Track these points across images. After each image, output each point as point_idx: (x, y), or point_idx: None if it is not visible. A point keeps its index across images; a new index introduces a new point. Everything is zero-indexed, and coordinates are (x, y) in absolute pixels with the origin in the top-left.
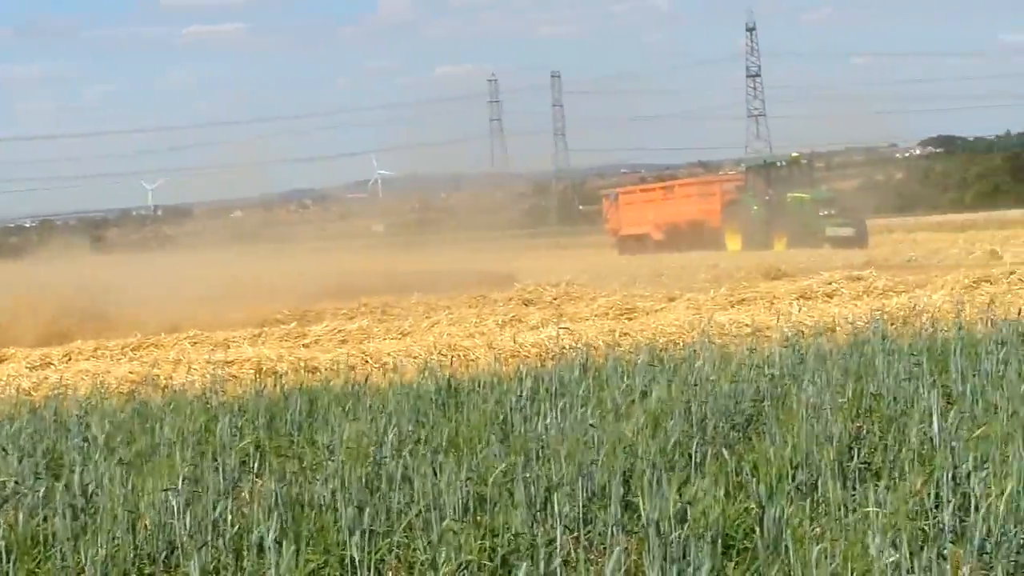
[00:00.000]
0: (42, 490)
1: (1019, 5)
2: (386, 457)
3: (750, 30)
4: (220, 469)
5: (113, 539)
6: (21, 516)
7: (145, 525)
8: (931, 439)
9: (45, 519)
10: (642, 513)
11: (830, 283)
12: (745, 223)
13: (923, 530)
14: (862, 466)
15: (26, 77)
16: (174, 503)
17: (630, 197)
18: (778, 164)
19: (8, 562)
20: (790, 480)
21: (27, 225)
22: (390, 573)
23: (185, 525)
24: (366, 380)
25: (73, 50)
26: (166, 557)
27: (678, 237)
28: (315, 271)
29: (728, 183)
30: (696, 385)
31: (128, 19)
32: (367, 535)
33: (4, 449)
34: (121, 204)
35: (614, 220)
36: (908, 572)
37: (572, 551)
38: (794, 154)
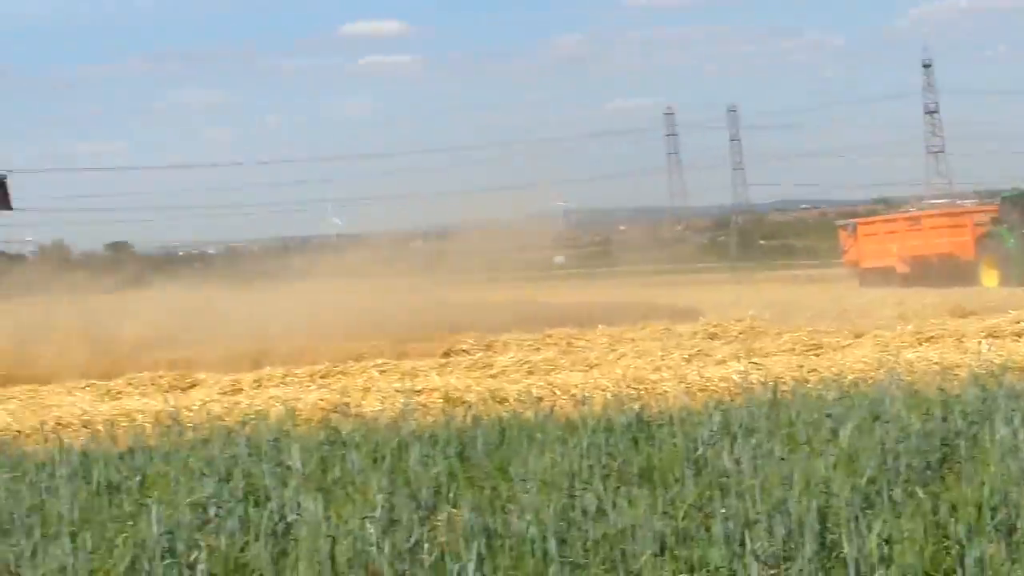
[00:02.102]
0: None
1: None
2: (581, 489)
3: (926, 66)
4: (415, 497)
5: (315, 565)
6: (223, 540)
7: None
8: None
9: (246, 544)
10: (843, 552)
11: (1019, 322)
12: (1002, 257)
13: None
14: None
15: (203, 104)
16: (372, 531)
17: (870, 228)
18: None
19: None
20: (989, 520)
21: (210, 252)
22: None
23: (384, 552)
24: (551, 411)
25: (248, 78)
26: None
27: (926, 271)
28: (495, 301)
29: (979, 214)
30: (887, 423)
31: (304, 47)
32: (566, 567)
33: (203, 472)
34: (303, 232)
35: (853, 252)
36: None
37: None
38: None
